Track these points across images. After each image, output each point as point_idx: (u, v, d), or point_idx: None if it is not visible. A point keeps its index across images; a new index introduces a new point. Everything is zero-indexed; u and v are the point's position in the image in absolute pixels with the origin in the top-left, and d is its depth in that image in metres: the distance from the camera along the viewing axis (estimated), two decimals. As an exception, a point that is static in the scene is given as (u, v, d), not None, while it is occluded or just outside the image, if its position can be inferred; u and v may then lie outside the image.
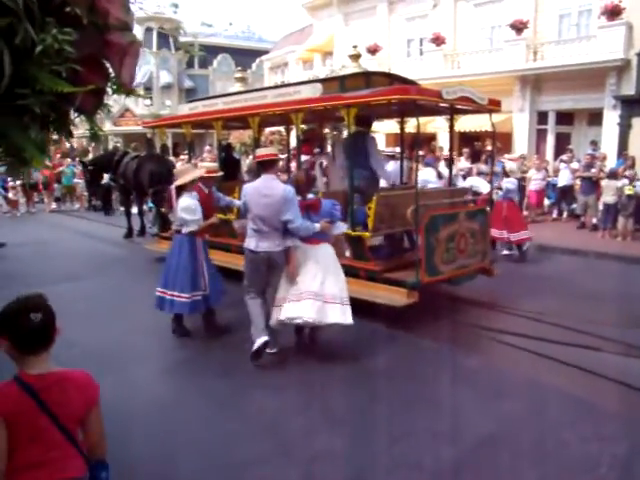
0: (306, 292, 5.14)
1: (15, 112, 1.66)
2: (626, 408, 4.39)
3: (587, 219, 13.20)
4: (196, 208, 5.87)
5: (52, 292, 7.81)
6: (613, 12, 14.92)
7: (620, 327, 6.22)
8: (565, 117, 17.59)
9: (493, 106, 7.24)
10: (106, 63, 1.89)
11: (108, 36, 1.80)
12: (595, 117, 16.54)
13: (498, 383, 4.86)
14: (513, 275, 8.78)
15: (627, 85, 15.27)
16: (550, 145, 17.68)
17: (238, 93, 10.11)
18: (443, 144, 16.22)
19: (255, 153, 6.04)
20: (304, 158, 8.72)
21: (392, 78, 8.09)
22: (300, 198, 5.31)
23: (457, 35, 19.61)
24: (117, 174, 12.68)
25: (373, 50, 21.57)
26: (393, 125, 9.85)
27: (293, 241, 5.31)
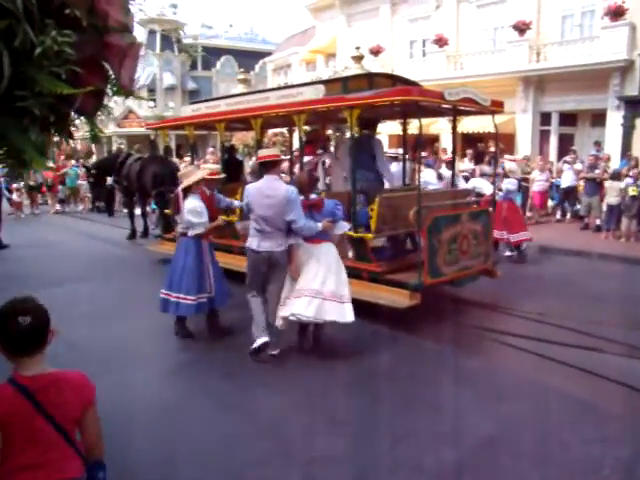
0: (307, 290, 5.21)
1: (15, 114, 1.66)
2: (628, 410, 4.37)
3: (591, 220, 13.17)
4: (202, 210, 5.88)
5: (55, 293, 7.83)
6: (616, 13, 14.88)
7: (623, 328, 6.19)
8: (568, 118, 17.54)
9: (496, 107, 7.23)
10: (106, 65, 1.89)
11: (108, 38, 1.80)
12: (598, 118, 16.49)
13: (500, 384, 4.85)
14: (516, 276, 8.76)
15: (630, 86, 15.22)
16: (553, 146, 17.63)
17: (241, 95, 10.12)
18: (446, 145, 16.20)
19: (258, 154, 6.06)
20: (307, 159, 8.73)
21: (395, 79, 8.09)
22: (303, 198, 5.37)
23: (460, 36, 19.59)
24: (120, 176, 12.72)
25: (376, 51, 21.56)
26: (396, 126, 9.87)
27: (296, 239, 5.36)
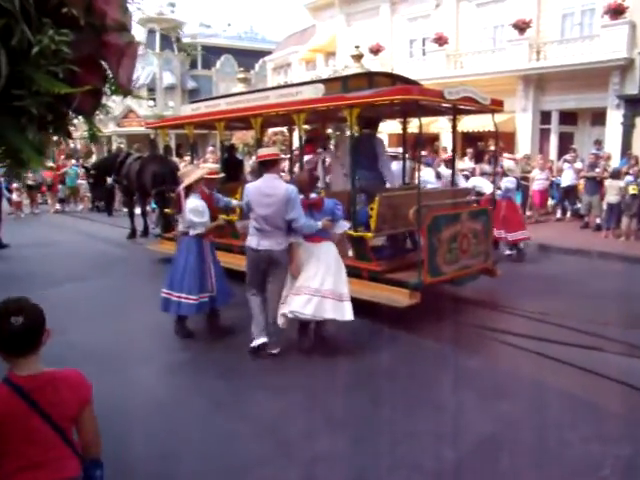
0: (306, 288, 5.25)
1: (12, 113, 1.66)
2: (629, 409, 4.36)
3: (591, 219, 13.16)
4: (204, 210, 5.87)
5: (55, 293, 7.83)
6: (616, 11, 14.86)
7: (623, 327, 6.19)
8: (568, 117, 17.53)
9: (495, 106, 7.23)
10: (104, 64, 1.88)
11: (105, 37, 1.79)
12: (598, 117, 16.48)
13: (500, 384, 4.85)
14: (516, 275, 8.75)
15: (630, 84, 15.21)
16: (553, 145, 17.62)
17: (241, 94, 10.11)
18: (446, 144, 16.20)
19: (257, 153, 6.07)
20: (308, 157, 8.72)
21: (394, 78, 8.08)
22: (303, 197, 5.40)
23: (460, 35, 19.56)
24: (120, 175, 12.70)
25: (375, 50, 21.54)
26: (396, 125, 9.84)
27: (296, 238, 5.39)
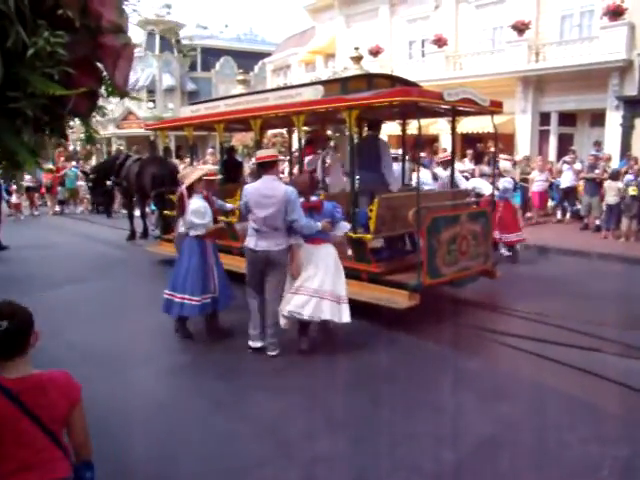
0: (305, 288, 5.29)
1: (7, 115, 1.66)
2: (627, 410, 4.36)
3: (590, 220, 13.16)
4: (205, 211, 5.87)
5: (55, 295, 7.85)
6: (615, 12, 14.89)
7: (623, 329, 6.19)
8: (568, 118, 17.55)
9: (495, 107, 7.23)
10: (100, 66, 1.88)
11: (101, 39, 1.79)
12: (598, 118, 16.50)
13: (499, 385, 4.84)
14: (515, 277, 8.75)
15: (630, 86, 15.23)
16: (553, 146, 17.63)
17: (240, 95, 10.12)
18: (446, 146, 16.20)
19: (256, 155, 6.08)
20: (309, 158, 8.71)
21: (394, 80, 8.09)
22: (303, 200, 5.41)
23: (459, 36, 19.60)
24: (119, 177, 12.70)
25: (375, 52, 21.57)
26: (395, 127, 9.85)
27: (297, 240, 5.41)
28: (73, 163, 21.28)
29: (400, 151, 9.94)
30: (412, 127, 9.14)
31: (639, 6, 14.71)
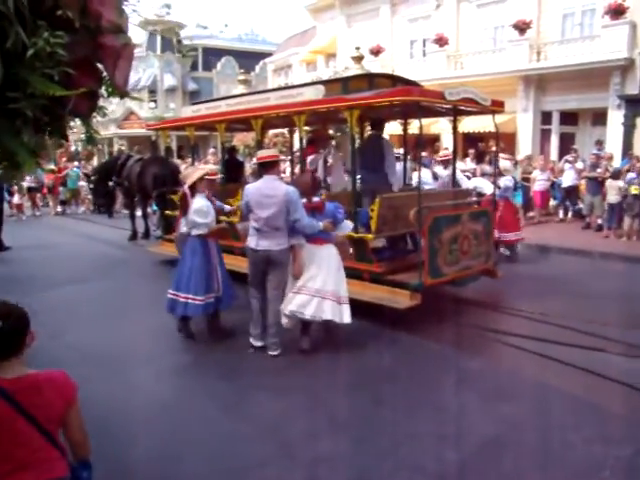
0: (307, 288, 5.31)
1: (7, 116, 1.65)
2: (630, 409, 4.35)
3: (592, 219, 13.14)
4: (208, 210, 5.87)
5: (56, 295, 7.86)
6: (617, 11, 14.85)
7: (625, 328, 6.17)
8: (569, 117, 17.51)
9: (496, 107, 7.21)
10: (100, 66, 1.88)
11: (101, 39, 1.79)
12: (599, 117, 16.47)
13: (502, 385, 4.83)
14: (517, 276, 8.73)
15: (631, 84, 15.19)
16: (554, 145, 17.60)
17: (241, 95, 10.12)
18: (447, 145, 16.18)
19: (257, 155, 6.08)
20: (311, 158, 8.71)
21: (395, 79, 8.08)
22: (305, 200, 5.41)
23: (460, 36, 19.56)
24: (121, 177, 12.70)
25: (376, 51, 21.55)
26: (396, 126, 9.84)
27: (299, 239, 5.41)
28: (75, 163, 21.30)
29: (402, 150, 9.93)
30: (413, 127, 9.13)
31: (641, 5, 14.69)
